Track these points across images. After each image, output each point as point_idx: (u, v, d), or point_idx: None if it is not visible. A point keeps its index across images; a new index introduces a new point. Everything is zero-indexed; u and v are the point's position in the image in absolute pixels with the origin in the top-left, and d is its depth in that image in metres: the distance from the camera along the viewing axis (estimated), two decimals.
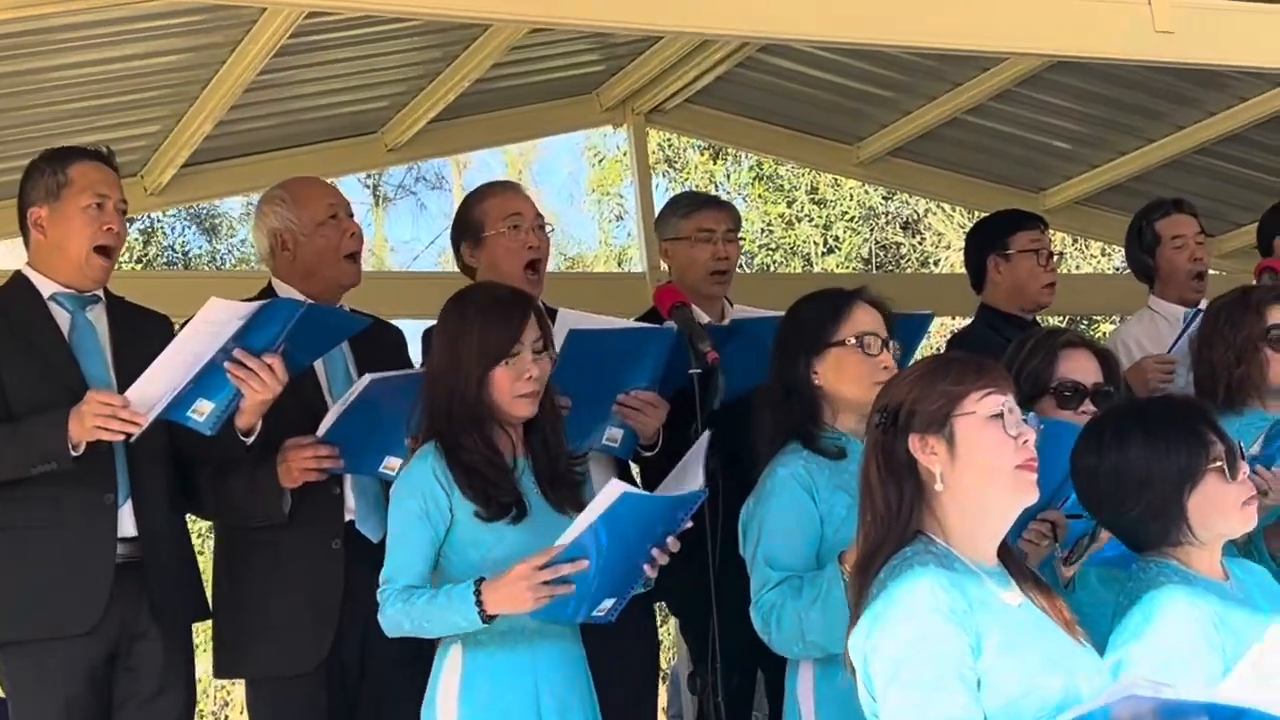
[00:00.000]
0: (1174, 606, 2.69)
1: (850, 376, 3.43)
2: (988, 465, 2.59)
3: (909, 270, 14.61)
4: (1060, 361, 3.56)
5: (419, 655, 3.42)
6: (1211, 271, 7.00)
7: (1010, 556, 2.69)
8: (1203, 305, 4.70)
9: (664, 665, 9.17)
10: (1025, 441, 2.61)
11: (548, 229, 4.29)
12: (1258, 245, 5.45)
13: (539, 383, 3.35)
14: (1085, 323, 13.37)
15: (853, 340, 3.43)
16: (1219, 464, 2.76)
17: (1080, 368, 3.56)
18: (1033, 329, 4.30)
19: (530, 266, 4.17)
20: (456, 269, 4.41)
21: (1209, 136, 6.27)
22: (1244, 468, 2.82)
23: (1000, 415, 2.61)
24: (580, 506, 3.34)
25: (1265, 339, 4.02)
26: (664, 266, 4.85)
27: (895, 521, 2.60)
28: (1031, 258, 4.79)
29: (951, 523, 2.60)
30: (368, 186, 17.29)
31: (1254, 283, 4.85)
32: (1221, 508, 2.77)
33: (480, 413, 3.32)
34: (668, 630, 10.78)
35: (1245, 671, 2.36)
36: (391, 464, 3.66)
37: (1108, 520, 2.92)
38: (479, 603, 3.12)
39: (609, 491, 3.09)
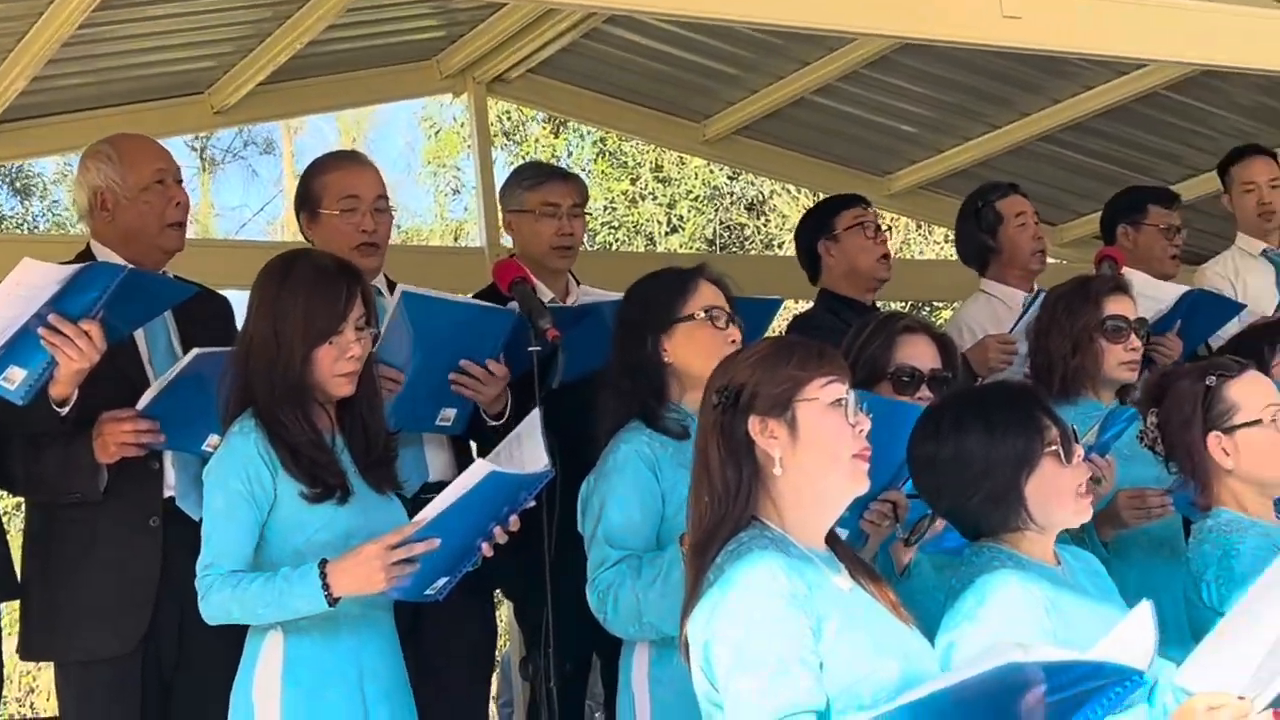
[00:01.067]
0: (1007, 589, 2.70)
1: (700, 350, 3.40)
2: (828, 452, 2.59)
3: (753, 252, 14.69)
4: (898, 347, 3.57)
5: (240, 639, 3.28)
6: (1052, 260, 7.11)
7: (838, 542, 2.69)
8: (1044, 287, 4.71)
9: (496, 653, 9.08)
10: (861, 430, 2.61)
11: (390, 209, 4.16)
12: (1101, 233, 5.50)
13: (359, 361, 3.26)
14: (928, 308, 13.54)
15: (702, 314, 3.42)
16: (1054, 448, 2.78)
17: (918, 353, 3.57)
18: (872, 313, 4.28)
19: (365, 246, 4.05)
20: (287, 238, 4.26)
21: (1053, 124, 6.33)
22: (1079, 451, 2.84)
23: (841, 403, 2.61)
24: (397, 485, 3.29)
25: (1101, 329, 4.04)
26: (506, 239, 4.73)
27: (733, 503, 2.58)
28: (858, 233, 4.78)
29: (787, 507, 2.59)
30: (194, 149, 16.85)
31: (1094, 270, 4.88)
32: (1058, 492, 2.79)
33: (303, 391, 3.21)
34: (500, 616, 10.68)
35: (1115, 638, 2.34)
36: (215, 441, 3.51)
37: (947, 508, 2.92)
38: (325, 585, 3.02)
39: (476, 471, 3.02)
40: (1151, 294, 4.46)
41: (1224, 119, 6.30)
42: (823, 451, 2.57)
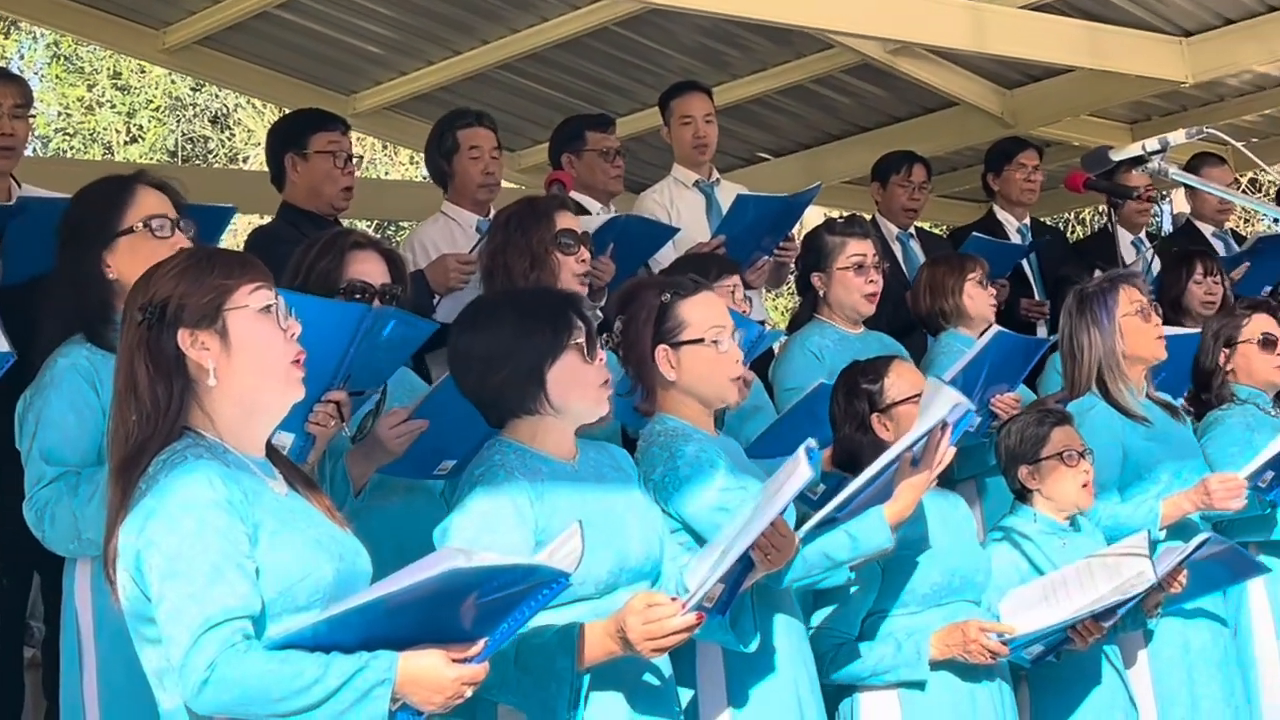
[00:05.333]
0: (493, 478, 2.88)
1: (144, 264, 3.21)
2: (262, 359, 2.57)
3: (217, 165, 14.34)
4: (349, 263, 3.59)
5: None
6: (512, 185, 7.33)
7: (274, 451, 2.69)
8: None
9: None
10: (293, 335, 2.61)
11: None
12: (550, 159, 5.71)
13: None
14: (392, 228, 13.63)
15: (141, 225, 3.31)
16: (579, 343, 2.96)
17: (369, 269, 3.60)
18: (328, 229, 4.29)
19: None
20: None
21: (512, 53, 6.50)
22: (602, 355, 3.02)
23: (271, 308, 2.59)
24: None
25: (556, 244, 4.21)
26: None
27: (163, 419, 2.53)
28: (329, 159, 4.76)
29: (223, 417, 2.57)
30: None
31: (544, 193, 5.05)
32: (579, 383, 2.97)
33: None
34: None
35: (545, 555, 2.48)
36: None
37: (473, 391, 3.02)
38: None
39: None
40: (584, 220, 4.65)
41: (669, 57, 6.65)
42: (257, 359, 2.55)
